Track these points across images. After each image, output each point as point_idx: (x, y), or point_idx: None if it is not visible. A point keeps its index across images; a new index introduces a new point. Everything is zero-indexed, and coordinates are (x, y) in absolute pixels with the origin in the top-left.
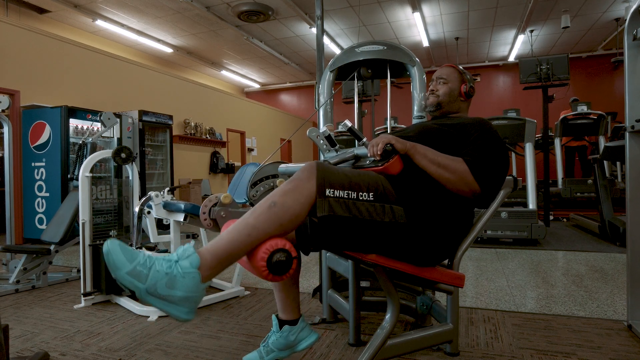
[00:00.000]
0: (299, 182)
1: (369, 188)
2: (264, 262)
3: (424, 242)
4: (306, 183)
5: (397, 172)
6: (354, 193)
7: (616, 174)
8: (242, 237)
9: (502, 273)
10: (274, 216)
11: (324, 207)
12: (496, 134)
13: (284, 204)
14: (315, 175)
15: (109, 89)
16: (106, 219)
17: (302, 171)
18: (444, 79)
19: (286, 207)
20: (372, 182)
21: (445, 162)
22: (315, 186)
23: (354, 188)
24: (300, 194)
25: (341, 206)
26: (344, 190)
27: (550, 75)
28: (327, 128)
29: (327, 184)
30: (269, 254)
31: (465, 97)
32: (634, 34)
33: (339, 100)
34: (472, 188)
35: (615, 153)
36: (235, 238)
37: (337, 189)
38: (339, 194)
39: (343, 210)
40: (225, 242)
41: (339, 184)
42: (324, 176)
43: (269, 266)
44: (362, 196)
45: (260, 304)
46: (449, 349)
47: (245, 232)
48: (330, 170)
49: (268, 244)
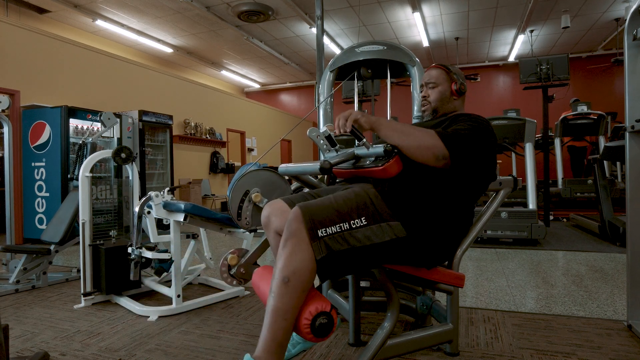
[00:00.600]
0: (293, 239)
1: (359, 213)
2: (308, 328)
3: (426, 247)
4: (299, 235)
5: (396, 173)
6: (346, 224)
7: (616, 174)
8: (282, 323)
9: (502, 273)
10: (293, 290)
11: (321, 249)
12: (481, 119)
13: (295, 272)
14: (302, 221)
15: (109, 89)
16: (106, 219)
17: (289, 223)
18: (433, 83)
19: (298, 274)
20: (360, 204)
21: (409, 130)
22: (306, 232)
23: (344, 218)
24: (302, 251)
25: (337, 241)
26: (335, 225)
27: (550, 75)
28: (327, 128)
29: (318, 225)
30: (311, 319)
31: (458, 94)
32: (634, 34)
33: (339, 100)
34: (437, 152)
35: (615, 153)
36: (278, 328)
37: (327, 226)
38: (332, 231)
39: (340, 245)
40: (272, 335)
41: (328, 219)
42: (311, 218)
43: (313, 331)
44: (355, 224)
45: (260, 304)
46: (449, 349)
47: (282, 318)
48: (316, 207)
49: (307, 312)
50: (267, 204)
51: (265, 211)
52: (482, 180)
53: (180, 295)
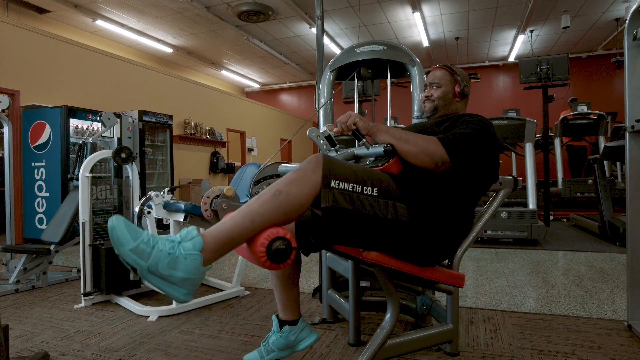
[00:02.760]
0: (304, 172)
1: (373, 183)
2: (263, 248)
3: (425, 240)
4: (312, 173)
5: (395, 173)
6: (359, 187)
7: (616, 174)
8: (246, 222)
9: (502, 273)
10: (278, 204)
11: (328, 198)
12: (483, 122)
13: (289, 192)
14: (321, 166)
15: (109, 89)
16: (106, 219)
17: (308, 162)
18: (437, 83)
19: (291, 196)
20: (376, 177)
21: (407, 137)
22: (321, 177)
23: (359, 182)
24: (305, 184)
25: (345, 198)
26: (349, 183)
27: (551, 75)
28: (327, 128)
29: (333, 176)
30: (269, 241)
31: (461, 97)
32: (634, 34)
33: (339, 100)
34: (436, 158)
35: (615, 153)
36: (239, 223)
37: (342, 181)
38: (344, 187)
39: (347, 203)
40: (229, 226)
41: (344, 176)
42: (330, 167)
43: (268, 254)
44: (367, 190)
45: (260, 304)
46: (449, 349)
47: (249, 218)
48: (337, 162)
49: (268, 232)
50: None
51: None
52: (484, 181)
53: None
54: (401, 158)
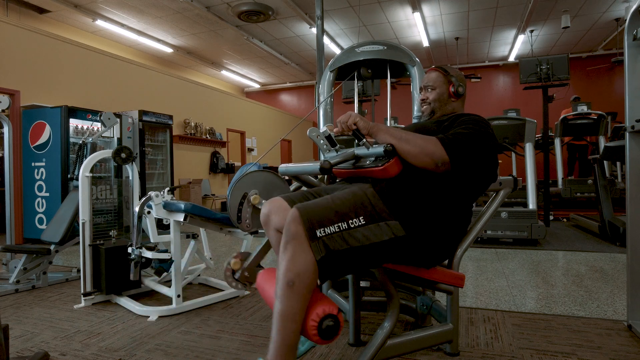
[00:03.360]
0: (293, 242)
1: (357, 212)
2: (315, 330)
3: (424, 247)
4: (299, 237)
5: (396, 173)
6: (344, 223)
7: (616, 174)
8: (291, 325)
9: (502, 273)
10: (298, 293)
11: (320, 249)
12: (482, 122)
13: (299, 275)
14: (300, 222)
15: (109, 89)
16: (106, 219)
17: (288, 225)
18: (431, 86)
19: (302, 277)
20: (358, 203)
21: (407, 137)
22: (304, 233)
23: (342, 218)
24: (303, 252)
25: (336, 242)
26: (334, 225)
27: (551, 75)
28: (327, 128)
29: (316, 225)
30: (318, 322)
31: (456, 97)
32: (634, 34)
33: (339, 100)
34: (436, 158)
35: (615, 153)
36: (288, 331)
37: (326, 225)
38: (330, 230)
39: (339, 244)
40: (282, 338)
41: (327, 219)
42: (308, 218)
43: (320, 333)
44: (353, 223)
45: (260, 304)
46: (449, 349)
47: (289, 321)
48: (313, 208)
49: (314, 314)
50: (267, 202)
51: (264, 209)
52: (483, 181)
53: (180, 295)
54: (401, 158)
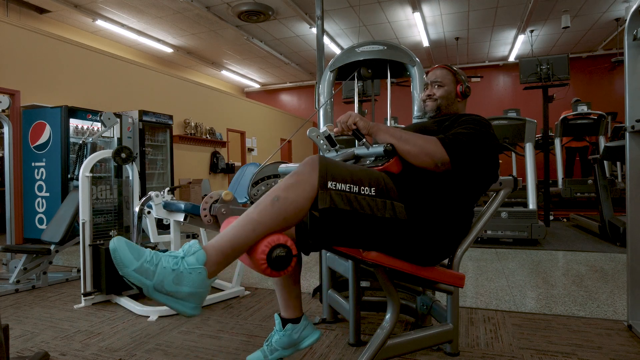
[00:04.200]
0: (301, 176)
1: (370, 183)
2: (264, 255)
3: (424, 240)
4: (308, 176)
5: (396, 173)
6: (356, 187)
7: (616, 174)
8: (247, 232)
9: (502, 273)
10: (277, 211)
11: (326, 200)
12: (483, 122)
13: (287, 198)
14: (317, 167)
15: (109, 89)
16: (106, 219)
17: (304, 164)
18: (439, 82)
19: (289, 201)
20: (373, 177)
21: (407, 137)
22: (317, 178)
23: (356, 182)
24: (303, 188)
25: (342, 199)
26: (346, 184)
27: (551, 75)
28: (327, 128)
29: (330, 177)
30: (269, 249)
31: (462, 97)
32: (634, 34)
33: (339, 100)
34: (436, 159)
35: (615, 153)
36: (240, 233)
37: (339, 181)
38: (341, 187)
39: (344, 204)
40: (230, 237)
41: (341, 177)
42: (326, 168)
43: (268, 261)
44: (364, 190)
45: (260, 304)
46: (449, 349)
47: (250, 227)
48: (333, 163)
49: (269, 239)
50: None
51: None
52: (484, 181)
53: None
54: (401, 158)
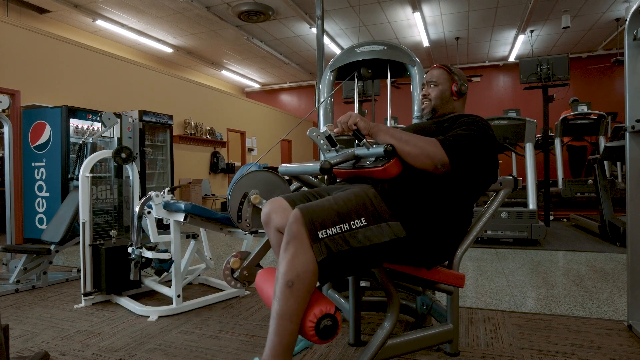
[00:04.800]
0: (294, 242)
1: (358, 213)
2: (313, 331)
3: (425, 247)
4: (300, 237)
5: (396, 173)
6: (346, 225)
7: (616, 174)
8: (289, 325)
9: (502, 273)
10: (297, 293)
11: (322, 251)
12: (482, 123)
13: (299, 275)
14: (302, 223)
15: (109, 89)
16: (106, 219)
17: (290, 226)
18: (434, 82)
19: (301, 277)
20: (360, 204)
21: (407, 138)
22: (306, 234)
23: (344, 219)
24: (303, 254)
25: (337, 242)
26: (335, 226)
27: (551, 75)
28: (327, 128)
29: (318, 226)
30: (316, 322)
31: (458, 96)
32: (634, 34)
33: (339, 100)
34: (436, 160)
35: (615, 153)
36: (285, 331)
37: (328, 227)
38: (332, 232)
39: (340, 246)
40: (279, 339)
41: (329, 220)
42: (311, 219)
43: (317, 333)
44: (355, 224)
45: (260, 304)
46: (449, 349)
47: (288, 321)
48: (315, 209)
49: (312, 314)
50: (268, 202)
51: (265, 209)
52: (483, 182)
53: (180, 295)
54: (402, 159)
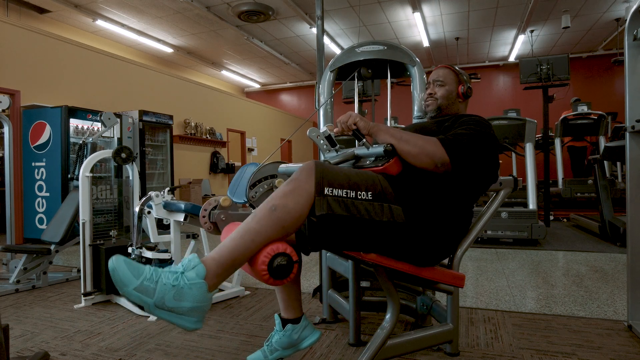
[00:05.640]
0: (298, 183)
1: (367, 187)
2: (265, 266)
3: (423, 241)
4: (305, 183)
5: (396, 173)
6: (353, 192)
7: (616, 174)
8: (246, 242)
9: (502, 273)
10: (276, 220)
11: (323, 206)
12: (483, 123)
13: (285, 206)
14: (313, 174)
15: (109, 89)
16: (106, 218)
17: (300, 171)
18: (441, 81)
19: (287, 210)
20: (370, 181)
21: (407, 137)
22: (314, 185)
23: (352, 187)
24: (300, 195)
25: (340, 205)
26: (343, 189)
27: (551, 75)
28: (327, 128)
29: (326, 183)
30: (270, 258)
31: (464, 97)
32: (634, 34)
33: (339, 100)
34: (436, 159)
35: (615, 153)
36: (239, 244)
37: (335, 187)
38: (338, 193)
39: (341, 209)
40: (229, 248)
41: (337, 182)
42: (322, 175)
43: (270, 270)
44: (361, 195)
45: (260, 304)
46: (449, 349)
47: (249, 237)
48: (329, 169)
49: (269, 249)
50: None
51: None
52: (484, 181)
53: None
54: (402, 158)
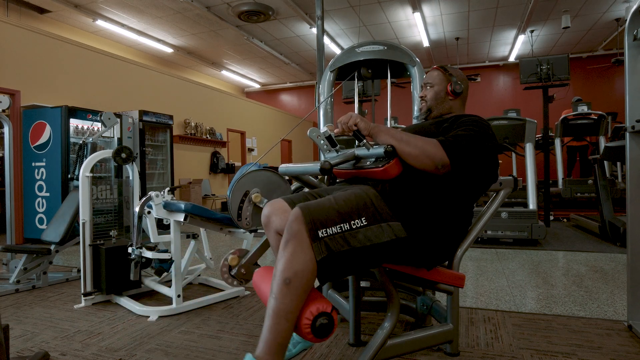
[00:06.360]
0: (294, 240)
1: (359, 213)
2: (308, 329)
3: (426, 248)
4: (301, 236)
5: (396, 174)
6: (346, 224)
7: (616, 174)
8: (284, 323)
9: (502, 273)
10: (294, 290)
11: (321, 249)
12: (482, 123)
13: (296, 274)
14: (303, 221)
15: (109, 89)
16: (106, 218)
17: (290, 225)
18: (430, 83)
19: (299, 275)
20: (361, 204)
21: (408, 139)
22: (306, 232)
23: (344, 219)
24: (302, 252)
25: (337, 242)
26: (336, 225)
27: (551, 75)
28: (327, 128)
29: (318, 225)
30: (312, 320)
31: (454, 95)
32: (634, 34)
33: (339, 100)
34: (437, 161)
35: (615, 153)
36: (278, 329)
37: (328, 226)
38: (332, 231)
39: (340, 245)
40: (274, 336)
41: (329, 220)
42: (311, 218)
43: (313, 331)
44: (355, 224)
45: (260, 304)
46: (449, 349)
47: (283, 317)
48: (316, 207)
49: (309, 312)
50: (268, 204)
51: (265, 210)
52: (483, 182)
53: (180, 295)
54: (402, 159)
